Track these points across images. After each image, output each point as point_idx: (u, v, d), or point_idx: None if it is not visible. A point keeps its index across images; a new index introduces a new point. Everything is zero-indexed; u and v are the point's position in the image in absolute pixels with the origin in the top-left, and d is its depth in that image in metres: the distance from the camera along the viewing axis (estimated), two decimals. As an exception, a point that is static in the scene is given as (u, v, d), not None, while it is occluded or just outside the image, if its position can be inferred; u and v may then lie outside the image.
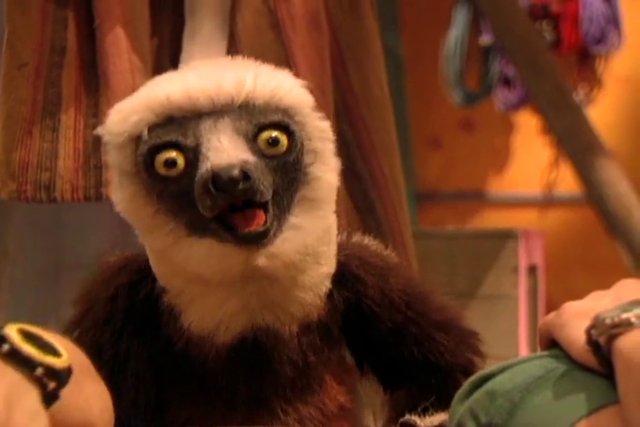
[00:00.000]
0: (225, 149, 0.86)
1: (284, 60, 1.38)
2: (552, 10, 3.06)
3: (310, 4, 1.42)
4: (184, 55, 1.40)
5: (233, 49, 1.40)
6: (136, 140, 0.90)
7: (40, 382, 0.73)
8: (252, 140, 0.88)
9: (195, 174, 0.87)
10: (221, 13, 1.41)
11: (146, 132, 0.89)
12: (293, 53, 1.40)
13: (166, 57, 1.41)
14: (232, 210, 0.86)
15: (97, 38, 1.36)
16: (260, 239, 0.87)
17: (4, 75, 1.37)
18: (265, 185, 0.86)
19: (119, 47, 1.35)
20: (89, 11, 1.37)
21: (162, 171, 0.88)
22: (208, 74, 0.91)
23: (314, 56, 1.42)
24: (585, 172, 2.41)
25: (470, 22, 3.07)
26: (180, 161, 0.88)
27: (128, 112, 0.90)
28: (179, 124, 0.88)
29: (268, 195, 0.87)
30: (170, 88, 0.90)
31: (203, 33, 1.41)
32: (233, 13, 1.41)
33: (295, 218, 0.91)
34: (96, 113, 1.35)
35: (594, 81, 3.20)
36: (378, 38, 1.53)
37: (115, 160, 0.92)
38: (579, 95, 3.12)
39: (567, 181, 3.03)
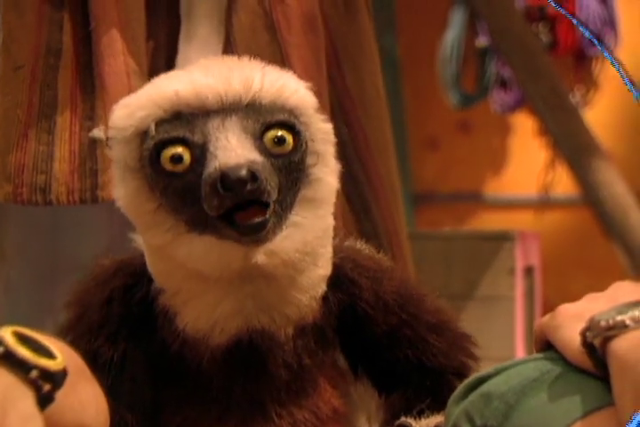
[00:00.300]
0: (233, 148, 0.86)
1: (279, 61, 1.38)
2: (548, 12, 3.06)
3: (306, 6, 1.42)
4: (180, 57, 1.40)
5: (229, 50, 1.40)
6: (142, 135, 0.90)
7: (35, 385, 0.73)
8: (258, 138, 0.89)
9: (200, 171, 0.87)
10: (217, 15, 1.40)
11: (153, 127, 0.89)
12: (289, 55, 1.40)
13: (162, 59, 1.41)
14: (236, 208, 0.87)
15: (93, 40, 1.36)
16: (258, 230, 0.87)
17: (0, 77, 1.37)
18: (272, 185, 0.87)
19: (115, 49, 1.34)
20: (85, 13, 1.36)
21: (167, 166, 0.89)
22: (215, 72, 0.91)
23: (309, 58, 1.42)
24: (581, 173, 2.41)
25: (466, 24, 3.07)
26: (187, 157, 0.88)
27: (135, 107, 0.91)
28: (186, 120, 0.89)
29: (274, 195, 0.87)
30: (178, 84, 0.90)
31: (199, 35, 1.40)
32: (228, 15, 1.41)
33: (295, 216, 0.91)
34: (92, 115, 1.35)
35: (590, 83, 3.20)
36: (374, 40, 1.53)
37: (119, 155, 0.92)
38: (575, 97, 3.12)
39: (564, 183, 3.03)
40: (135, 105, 0.91)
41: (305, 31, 1.42)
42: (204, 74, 0.91)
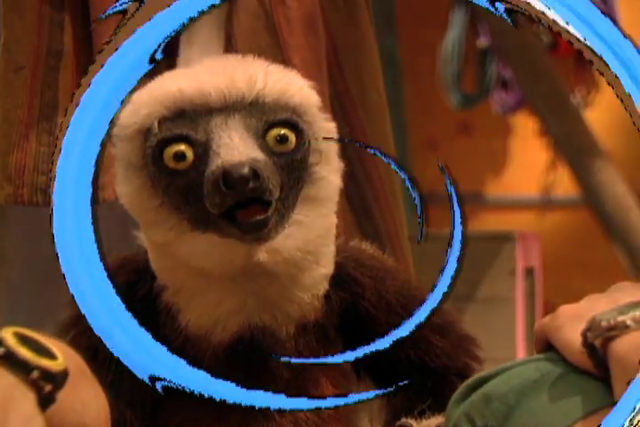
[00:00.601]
0: (236, 147, 0.86)
1: (280, 63, 1.38)
2: (549, 12, 3.06)
3: (306, 8, 1.42)
4: (181, 59, 1.40)
5: (230, 52, 1.40)
6: (145, 132, 0.90)
7: (36, 386, 0.73)
8: (261, 137, 0.89)
9: (203, 169, 0.87)
10: (218, 17, 1.40)
11: (156, 125, 0.89)
12: (290, 56, 1.40)
13: (163, 61, 1.41)
14: (238, 206, 0.87)
15: (93, 41, 1.36)
16: (259, 229, 0.87)
17: (1, 78, 1.37)
18: (274, 184, 0.87)
19: (116, 50, 1.34)
20: (85, 14, 1.37)
21: (170, 164, 0.89)
22: (219, 70, 0.91)
23: (310, 59, 1.41)
24: (582, 174, 2.41)
25: (467, 25, 3.07)
26: (189, 155, 0.88)
27: (138, 105, 0.91)
28: (189, 118, 0.89)
29: (276, 193, 0.87)
30: (182, 82, 0.90)
31: (199, 36, 1.40)
32: (229, 16, 1.41)
33: (298, 215, 0.91)
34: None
35: (591, 83, 3.20)
36: (374, 41, 1.53)
37: (122, 153, 0.93)
38: (576, 98, 3.12)
39: (565, 184, 3.03)
40: (139, 102, 0.91)
41: (306, 33, 1.42)
42: (208, 72, 0.91)
